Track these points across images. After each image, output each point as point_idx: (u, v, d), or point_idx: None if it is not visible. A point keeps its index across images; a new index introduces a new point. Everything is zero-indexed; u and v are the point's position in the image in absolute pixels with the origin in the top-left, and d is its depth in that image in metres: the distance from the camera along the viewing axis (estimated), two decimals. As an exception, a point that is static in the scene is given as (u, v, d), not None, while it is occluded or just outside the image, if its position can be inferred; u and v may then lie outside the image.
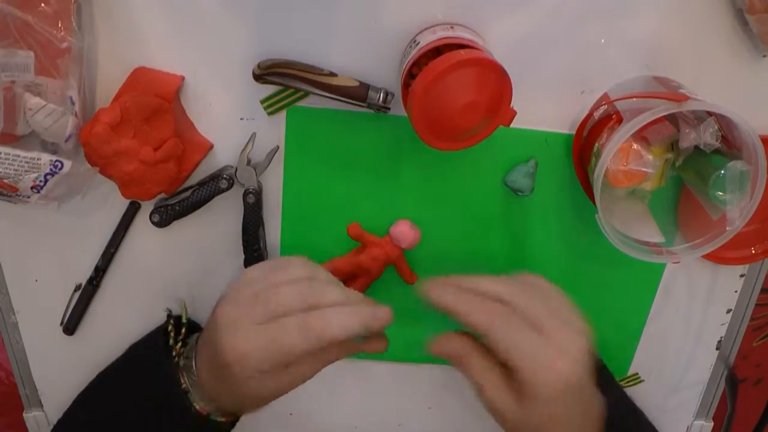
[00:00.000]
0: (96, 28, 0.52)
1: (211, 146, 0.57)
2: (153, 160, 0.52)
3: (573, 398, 0.48)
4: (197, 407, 0.53)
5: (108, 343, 0.64)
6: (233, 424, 0.57)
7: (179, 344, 0.57)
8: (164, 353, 0.56)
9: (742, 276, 0.65)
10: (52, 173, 0.51)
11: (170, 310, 0.62)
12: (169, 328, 0.59)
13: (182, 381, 0.53)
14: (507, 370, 0.48)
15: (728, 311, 0.66)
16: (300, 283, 0.49)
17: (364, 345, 0.51)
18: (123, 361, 0.61)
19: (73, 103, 0.51)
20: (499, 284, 0.49)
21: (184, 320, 0.61)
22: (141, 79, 0.53)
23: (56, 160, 0.51)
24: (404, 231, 0.60)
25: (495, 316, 0.47)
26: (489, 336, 0.47)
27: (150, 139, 0.52)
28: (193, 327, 0.63)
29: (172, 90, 0.52)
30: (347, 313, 0.47)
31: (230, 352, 0.47)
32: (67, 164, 0.52)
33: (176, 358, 0.55)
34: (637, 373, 0.69)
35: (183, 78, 0.54)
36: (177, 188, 0.57)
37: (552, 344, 0.46)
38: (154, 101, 0.51)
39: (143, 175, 0.53)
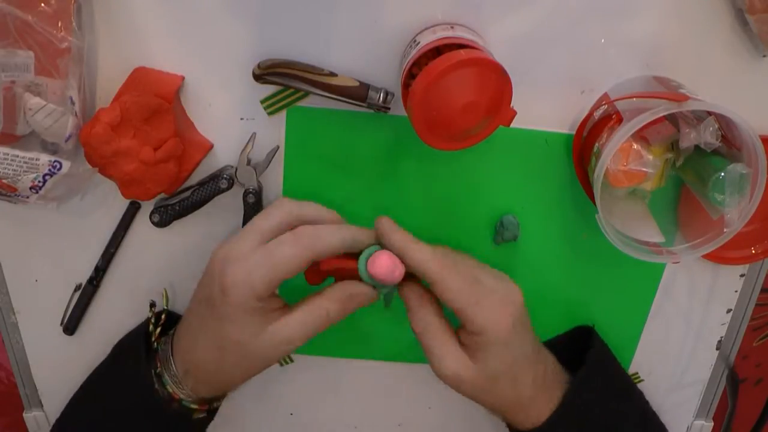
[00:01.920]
0: (96, 28, 0.52)
1: (211, 146, 0.57)
2: (153, 160, 0.52)
3: (523, 342, 0.53)
4: (170, 390, 0.53)
5: (108, 343, 0.64)
6: (209, 416, 0.58)
7: (158, 329, 0.58)
8: (141, 340, 0.57)
9: (742, 276, 0.65)
10: (51, 174, 0.51)
11: (153, 301, 0.62)
12: (150, 315, 0.60)
13: (157, 364, 0.54)
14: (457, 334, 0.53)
15: (728, 311, 0.66)
16: (290, 210, 0.52)
17: (356, 291, 0.51)
18: (108, 356, 0.61)
19: (73, 103, 0.51)
20: (436, 250, 0.52)
21: (165, 306, 0.62)
22: (141, 79, 0.53)
23: (55, 161, 0.51)
24: (387, 267, 0.50)
25: (444, 266, 0.51)
26: (439, 284, 0.50)
27: (150, 139, 0.52)
28: (177, 319, 0.62)
29: (172, 90, 0.52)
30: (338, 227, 0.51)
31: (228, 278, 0.48)
32: (66, 165, 0.52)
33: (155, 344, 0.57)
34: (636, 373, 0.69)
35: (183, 78, 0.54)
36: (177, 188, 0.57)
37: (495, 293, 0.52)
38: (155, 101, 0.51)
39: (143, 175, 0.53)
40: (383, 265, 0.50)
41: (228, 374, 0.53)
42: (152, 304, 0.62)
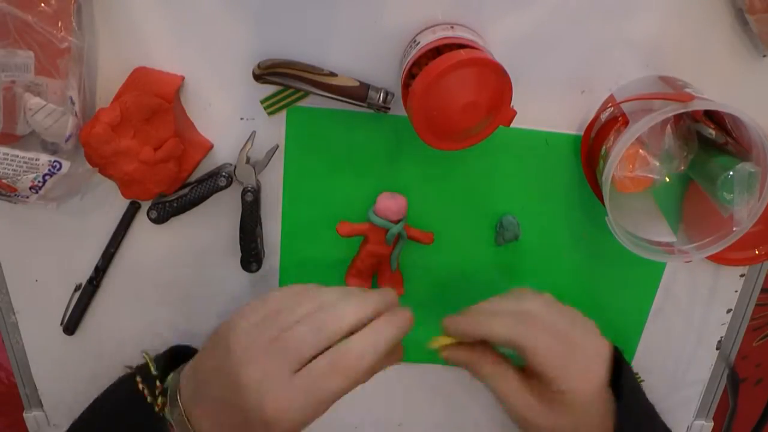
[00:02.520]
0: (96, 28, 0.52)
1: (211, 146, 0.57)
2: (153, 160, 0.52)
3: (601, 402, 0.50)
4: None
5: (108, 343, 0.64)
6: None
7: (159, 398, 0.51)
8: (148, 413, 0.51)
9: (742, 276, 0.65)
10: (51, 174, 0.51)
11: (131, 367, 0.56)
12: (141, 387, 0.52)
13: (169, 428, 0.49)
14: (527, 376, 0.50)
15: (728, 311, 0.66)
16: (310, 316, 0.46)
17: (384, 361, 0.48)
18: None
19: (73, 103, 0.51)
20: (520, 301, 0.50)
21: (153, 372, 0.54)
22: (141, 79, 0.53)
23: (55, 161, 0.51)
24: (388, 206, 0.57)
25: (525, 327, 0.48)
26: (524, 347, 0.47)
27: (150, 139, 0.52)
28: (171, 357, 0.58)
29: (172, 90, 0.52)
30: (371, 336, 0.45)
31: (271, 414, 0.44)
32: (66, 165, 0.52)
33: (161, 414, 0.50)
34: (637, 373, 0.69)
35: (183, 78, 0.54)
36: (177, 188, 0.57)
37: (582, 351, 0.48)
38: (154, 101, 0.51)
39: (143, 175, 0.53)
40: (385, 207, 0.57)
41: None
42: (132, 374, 0.54)
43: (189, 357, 0.52)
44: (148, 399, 0.51)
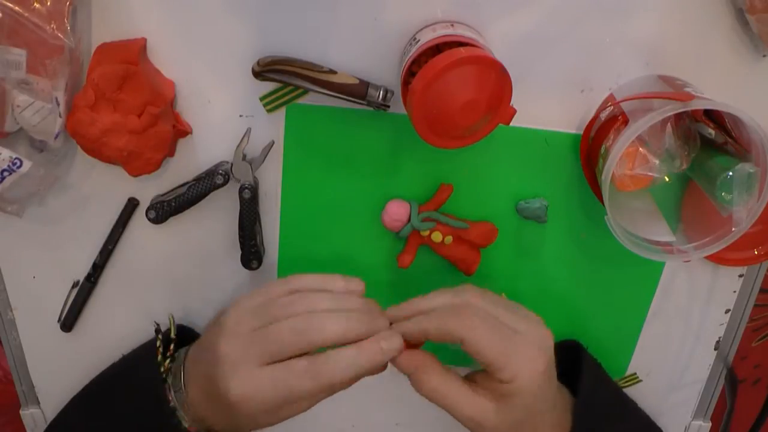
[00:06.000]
0: (94, 28, 0.52)
1: (173, 83, 0.55)
2: (140, 127, 0.52)
3: (549, 389, 0.51)
4: (186, 426, 0.52)
5: (106, 340, 0.64)
6: None
7: (168, 360, 0.56)
8: (153, 369, 0.55)
9: (740, 276, 0.65)
10: (10, 171, 0.51)
11: (158, 324, 0.60)
12: (158, 344, 0.57)
13: (170, 398, 0.53)
14: (471, 381, 0.51)
15: (727, 311, 0.66)
16: (297, 318, 0.47)
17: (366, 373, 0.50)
18: (112, 375, 0.60)
19: (58, 104, 0.51)
20: (456, 296, 0.51)
21: (172, 335, 0.59)
22: (105, 53, 0.52)
23: (15, 158, 0.51)
24: (397, 212, 0.58)
25: (466, 319, 0.48)
26: (467, 338, 0.48)
27: (132, 108, 0.51)
28: (184, 335, 0.61)
29: (135, 51, 0.51)
30: (353, 356, 0.47)
31: (235, 395, 0.46)
32: (27, 164, 0.51)
33: (164, 375, 0.54)
34: (635, 373, 0.69)
35: (145, 39, 0.53)
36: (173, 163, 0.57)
37: (522, 338, 0.50)
38: (121, 68, 0.50)
39: (137, 145, 0.52)
40: (392, 212, 0.58)
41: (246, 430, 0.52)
42: (157, 330, 0.59)
43: None
44: (159, 358, 0.56)
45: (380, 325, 0.49)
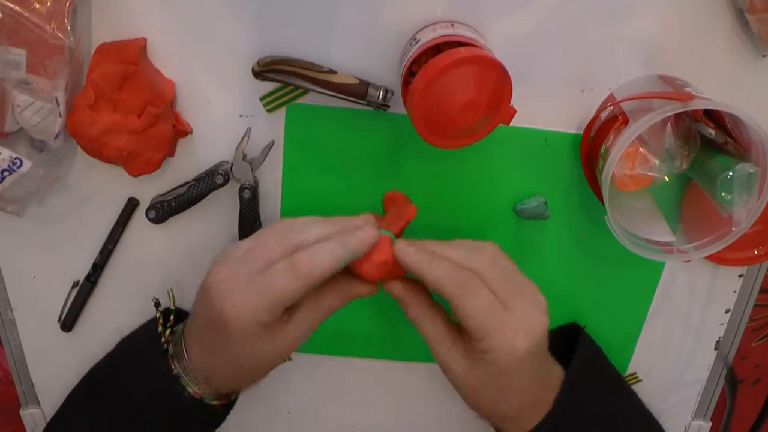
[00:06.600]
0: (94, 28, 0.52)
1: (173, 82, 0.55)
2: (140, 127, 0.52)
3: (528, 370, 0.51)
4: (190, 391, 0.53)
5: (106, 340, 0.63)
6: (227, 409, 0.58)
7: (168, 331, 0.57)
8: (153, 342, 0.56)
9: (740, 276, 0.65)
10: (10, 171, 0.51)
11: (157, 299, 0.61)
12: (158, 315, 0.59)
13: (173, 366, 0.54)
14: (457, 328, 0.51)
15: (727, 311, 0.66)
16: (282, 232, 0.50)
17: (355, 288, 0.52)
18: (112, 355, 0.61)
19: (58, 104, 0.51)
20: (470, 256, 0.51)
21: (172, 307, 0.60)
22: (105, 54, 0.52)
23: (16, 158, 0.51)
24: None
25: (464, 284, 0.49)
26: (456, 302, 0.48)
27: (131, 108, 0.52)
28: (182, 316, 0.62)
29: (135, 51, 0.51)
30: (331, 244, 0.48)
31: (228, 308, 0.47)
32: (27, 164, 0.51)
33: (165, 345, 0.56)
34: (635, 373, 0.69)
35: (146, 39, 0.53)
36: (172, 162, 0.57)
37: (515, 320, 0.49)
38: (121, 68, 0.50)
39: (137, 145, 0.52)
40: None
41: (249, 377, 0.54)
42: (157, 304, 0.60)
43: None
44: (159, 328, 0.57)
45: (366, 233, 0.50)
